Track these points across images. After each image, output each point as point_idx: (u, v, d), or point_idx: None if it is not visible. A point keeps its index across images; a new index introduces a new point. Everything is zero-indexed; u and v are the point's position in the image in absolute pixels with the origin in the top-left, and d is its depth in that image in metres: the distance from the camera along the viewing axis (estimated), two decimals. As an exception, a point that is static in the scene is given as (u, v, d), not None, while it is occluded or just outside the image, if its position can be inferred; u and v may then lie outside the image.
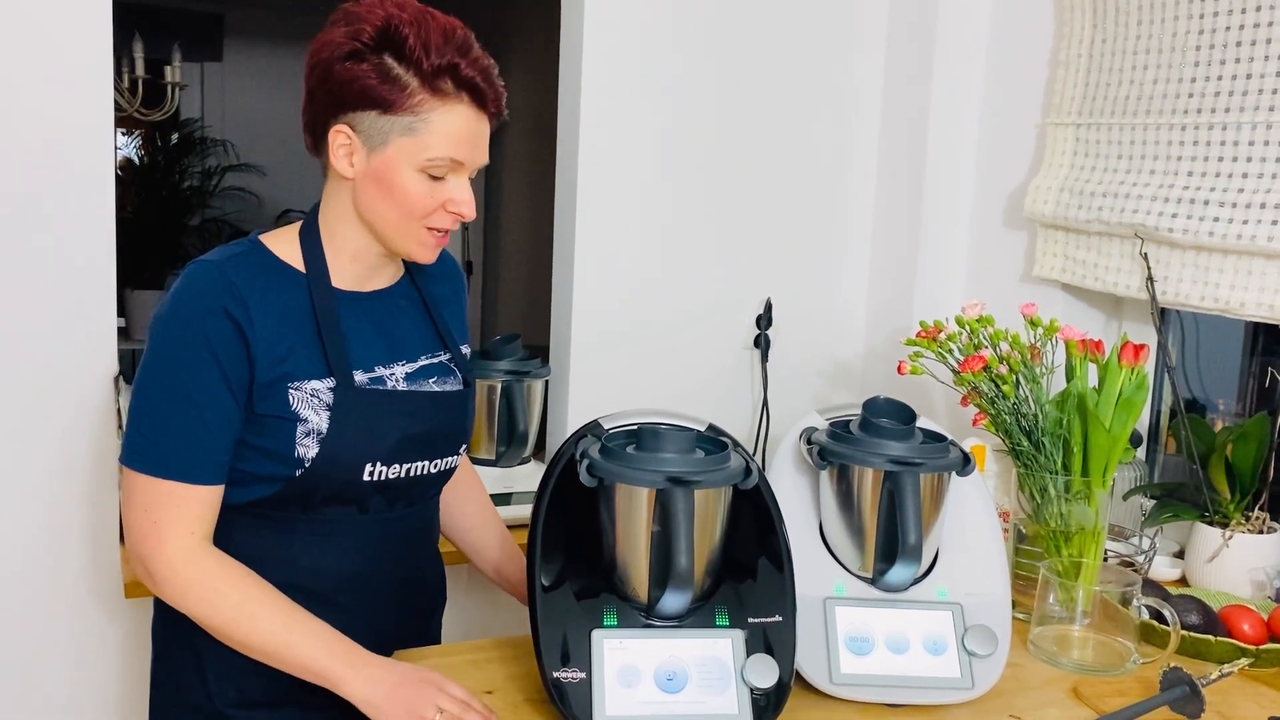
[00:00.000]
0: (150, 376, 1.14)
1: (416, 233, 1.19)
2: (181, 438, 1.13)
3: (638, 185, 1.97)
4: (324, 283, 1.21)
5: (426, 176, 1.16)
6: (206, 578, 1.13)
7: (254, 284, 1.16)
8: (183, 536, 1.13)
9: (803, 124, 2.08)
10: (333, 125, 1.16)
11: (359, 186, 1.18)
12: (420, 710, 1.09)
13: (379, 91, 1.12)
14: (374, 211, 1.18)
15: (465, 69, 1.14)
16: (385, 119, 1.13)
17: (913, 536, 1.23)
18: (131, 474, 1.14)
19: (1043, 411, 1.50)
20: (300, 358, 1.17)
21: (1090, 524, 1.46)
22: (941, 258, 2.04)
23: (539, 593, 1.17)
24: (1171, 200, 1.63)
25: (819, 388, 2.16)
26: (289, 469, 1.17)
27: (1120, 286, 1.74)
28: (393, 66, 1.13)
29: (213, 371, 1.13)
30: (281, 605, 1.14)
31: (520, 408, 2.00)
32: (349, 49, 1.13)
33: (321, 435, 1.17)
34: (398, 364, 1.25)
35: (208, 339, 1.12)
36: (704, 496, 1.16)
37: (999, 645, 1.26)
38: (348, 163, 1.17)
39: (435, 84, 1.13)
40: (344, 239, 1.22)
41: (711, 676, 1.15)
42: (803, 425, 1.40)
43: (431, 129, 1.14)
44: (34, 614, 1.65)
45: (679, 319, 2.04)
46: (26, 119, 1.54)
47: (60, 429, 1.62)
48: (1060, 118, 1.83)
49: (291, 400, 1.17)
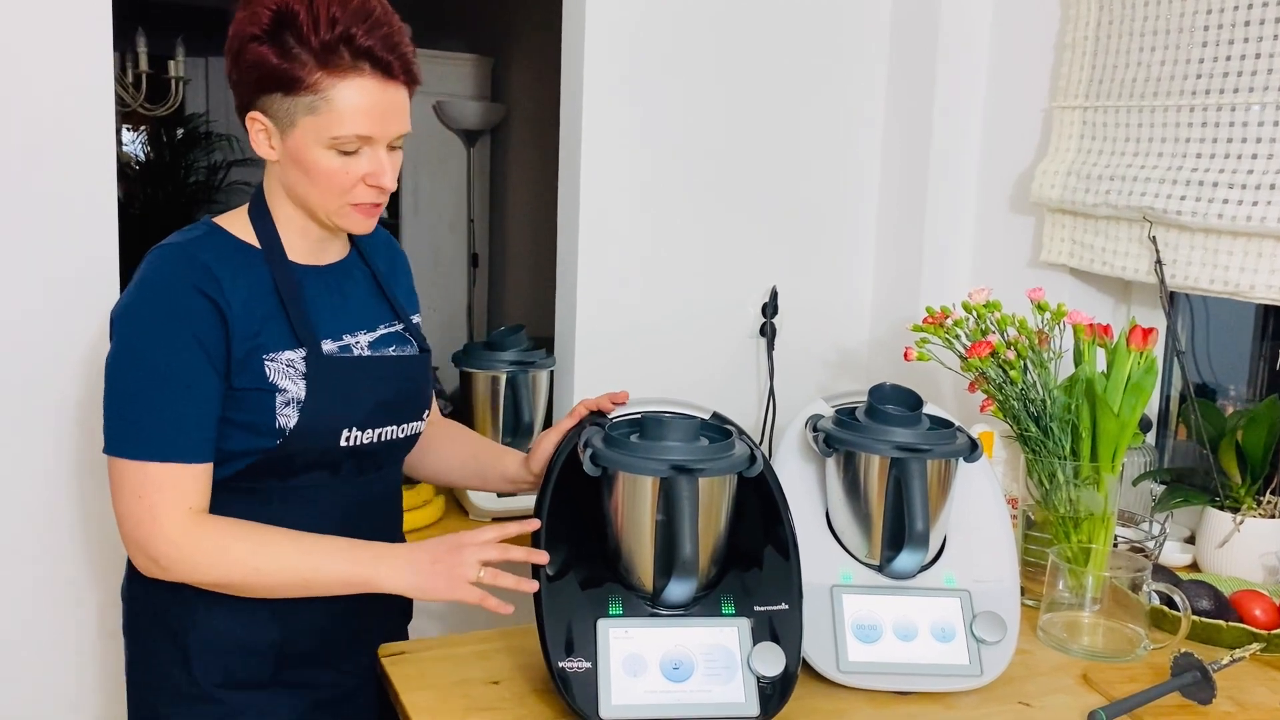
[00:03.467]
0: (128, 362, 1.14)
1: (341, 209, 1.20)
2: (170, 419, 1.13)
3: (641, 174, 1.96)
4: (281, 257, 1.22)
5: (337, 153, 1.15)
6: (210, 542, 1.14)
7: (222, 263, 1.17)
8: (179, 512, 1.13)
9: (807, 111, 2.07)
10: (249, 111, 1.17)
11: (282, 169, 1.20)
12: (464, 574, 1.13)
13: (279, 73, 1.12)
14: (298, 191, 1.20)
15: (361, 38, 1.12)
16: (289, 100, 1.13)
17: (920, 523, 1.22)
18: (120, 462, 1.14)
19: (1051, 396, 1.49)
20: (271, 331, 1.18)
21: (1099, 509, 1.45)
22: (948, 244, 2.02)
23: (544, 583, 1.17)
24: (1180, 183, 1.62)
25: (825, 376, 2.15)
26: (269, 439, 1.18)
27: (1129, 270, 1.72)
28: (291, 45, 1.12)
29: (195, 351, 1.13)
30: (289, 537, 1.16)
31: (525, 398, 1.99)
32: (250, 33, 1.13)
33: (300, 403, 1.18)
34: (361, 333, 1.27)
35: (188, 318, 1.13)
36: (708, 485, 1.16)
37: (1008, 632, 1.25)
38: (268, 147, 1.18)
39: (330, 59, 1.12)
40: (286, 216, 1.23)
41: (718, 665, 1.14)
42: (808, 412, 1.40)
43: (332, 106, 1.13)
44: (32, 602, 1.65)
45: (684, 308, 2.03)
46: (27, 113, 1.54)
47: (64, 422, 1.62)
48: (1067, 101, 1.82)
49: (268, 371, 1.18)
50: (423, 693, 1.20)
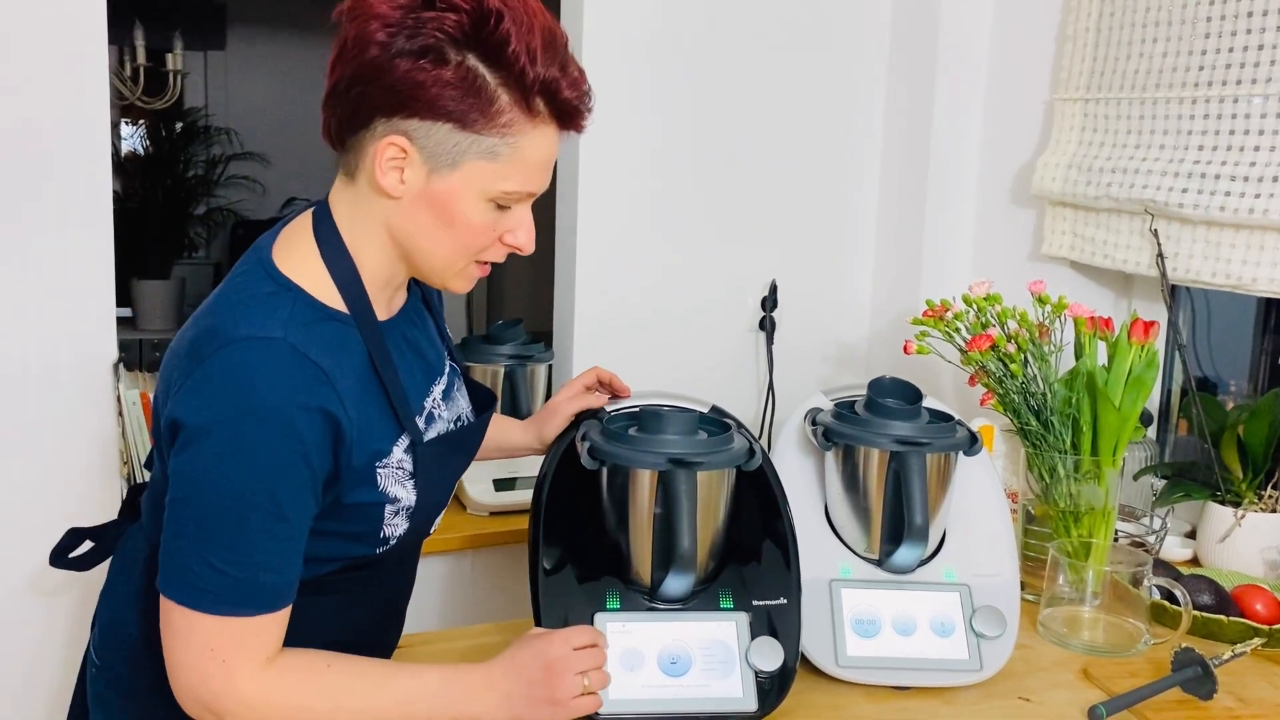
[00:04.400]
0: (215, 491, 0.90)
1: (466, 269, 1.00)
2: (270, 563, 0.92)
3: (640, 167, 1.95)
4: (372, 323, 0.99)
5: (494, 206, 0.96)
6: (289, 698, 0.95)
7: (328, 356, 0.93)
8: (255, 665, 0.93)
9: (806, 103, 2.06)
10: (384, 131, 0.92)
11: (405, 208, 0.96)
12: (568, 694, 1.01)
13: (460, 104, 0.90)
14: (419, 239, 0.97)
15: (566, 90, 0.94)
16: (462, 135, 0.92)
17: (919, 517, 1.22)
18: (190, 614, 0.92)
19: (1051, 390, 1.48)
20: (379, 428, 0.99)
21: (1100, 504, 1.44)
22: (948, 238, 2.01)
23: (541, 577, 1.16)
24: (1182, 175, 1.61)
25: (824, 370, 2.15)
26: (370, 548, 1.03)
27: (1130, 264, 1.71)
28: (481, 74, 0.91)
29: (303, 478, 0.92)
30: (373, 681, 0.98)
31: (523, 392, 1.99)
32: (425, 42, 0.89)
33: (410, 509, 1.03)
34: (435, 384, 1.10)
35: (302, 441, 0.90)
36: (707, 478, 1.15)
37: (1008, 626, 1.24)
38: (398, 179, 0.94)
39: (530, 102, 0.93)
40: (374, 264, 1.00)
41: (716, 660, 1.14)
42: (807, 406, 1.39)
43: (517, 156, 0.94)
44: (30, 603, 1.65)
45: (683, 302, 2.02)
46: (21, 107, 1.53)
47: (59, 414, 1.61)
48: (1068, 93, 1.81)
49: (380, 480, 1.00)
50: (419, 687, 1.19)
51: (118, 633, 1.08)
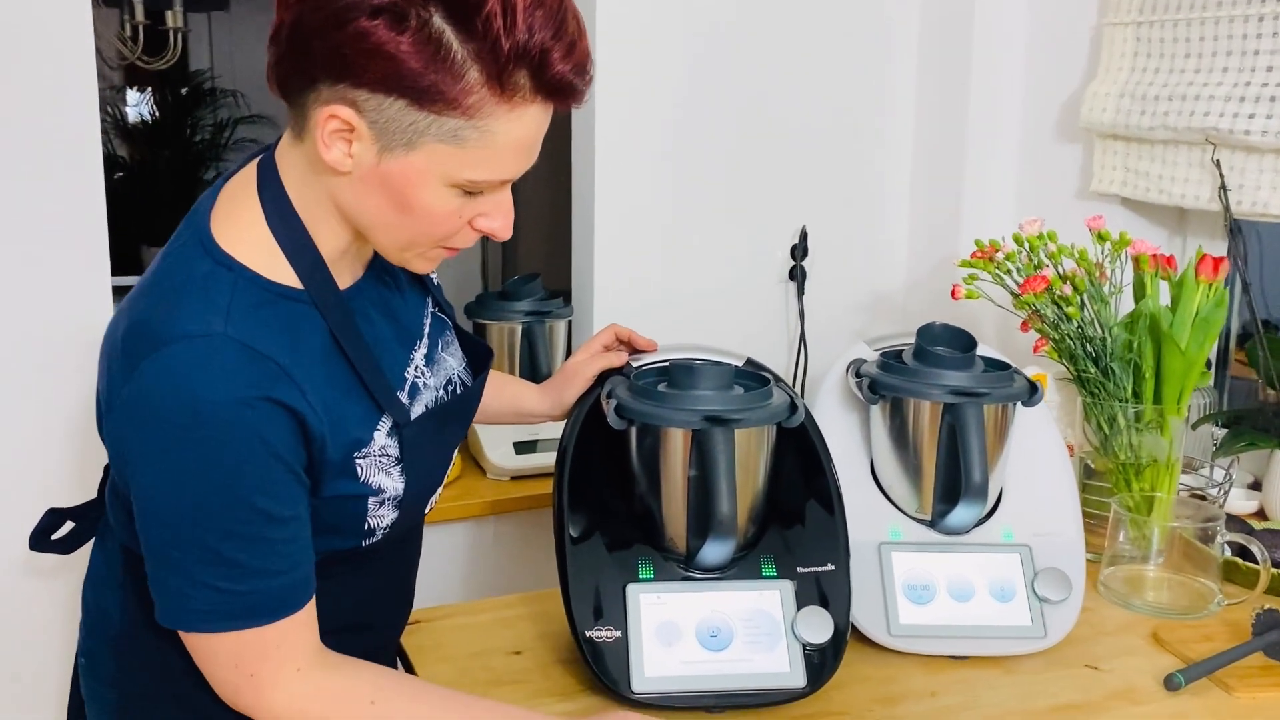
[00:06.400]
0: (182, 514, 0.81)
1: (427, 251, 0.88)
2: (269, 568, 0.84)
3: (662, 110, 1.85)
4: (335, 299, 0.88)
5: (460, 192, 0.84)
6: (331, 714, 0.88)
7: (281, 344, 0.83)
8: (287, 673, 0.86)
9: (836, 35, 1.95)
10: (328, 97, 0.79)
11: (355, 184, 0.83)
12: None
13: (419, 78, 0.76)
14: (372, 218, 0.86)
15: (558, 62, 0.79)
16: (419, 115, 0.78)
17: (977, 474, 1.13)
18: (202, 636, 0.85)
19: (1111, 334, 1.38)
20: (354, 415, 0.89)
21: (1164, 455, 1.36)
22: (989, 177, 1.91)
23: (567, 545, 1.09)
24: (1249, 99, 1.49)
25: (860, 321, 2.05)
26: (354, 540, 0.94)
27: (1188, 199, 1.61)
28: (448, 40, 0.76)
29: (278, 473, 0.83)
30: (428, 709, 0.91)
31: (542, 350, 1.92)
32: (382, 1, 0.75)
33: (399, 499, 0.94)
34: (416, 350, 0.99)
35: (264, 441, 0.81)
36: (745, 436, 1.07)
37: (1073, 589, 1.16)
38: (344, 152, 0.82)
39: (508, 78, 0.78)
40: (331, 233, 0.88)
41: (759, 632, 1.07)
42: (849, 357, 1.30)
43: (487, 141, 0.80)
44: (23, 588, 1.59)
45: (708, 252, 1.94)
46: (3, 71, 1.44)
47: (52, 384, 1.54)
48: (1118, 17, 1.69)
49: (360, 471, 0.90)
50: (440, 666, 1.13)
51: (103, 625, 0.99)
